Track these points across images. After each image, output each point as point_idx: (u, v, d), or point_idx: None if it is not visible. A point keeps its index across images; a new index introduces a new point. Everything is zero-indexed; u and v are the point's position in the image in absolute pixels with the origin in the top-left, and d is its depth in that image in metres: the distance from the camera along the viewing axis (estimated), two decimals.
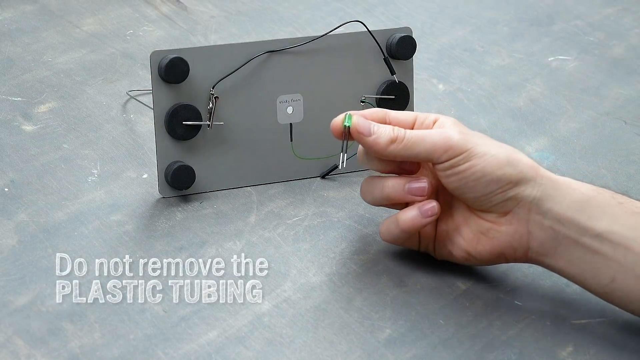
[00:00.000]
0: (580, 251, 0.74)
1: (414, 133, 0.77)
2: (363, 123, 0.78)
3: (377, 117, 0.81)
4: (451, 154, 0.76)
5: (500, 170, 0.75)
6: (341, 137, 0.79)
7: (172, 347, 0.73)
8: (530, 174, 0.76)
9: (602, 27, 1.28)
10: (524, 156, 0.77)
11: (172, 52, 0.87)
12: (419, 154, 0.77)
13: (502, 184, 0.75)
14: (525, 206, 0.75)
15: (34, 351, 0.72)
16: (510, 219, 0.76)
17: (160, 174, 0.90)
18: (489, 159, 0.75)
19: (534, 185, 0.75)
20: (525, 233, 0.76)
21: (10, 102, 1.05)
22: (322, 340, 0.74)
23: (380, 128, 0.78)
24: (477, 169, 0.75)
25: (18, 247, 0.83)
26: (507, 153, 0.76)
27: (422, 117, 0.81)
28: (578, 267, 0.74)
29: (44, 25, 1.22)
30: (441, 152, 0.76)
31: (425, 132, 0.77)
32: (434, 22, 1.28)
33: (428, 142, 0.77)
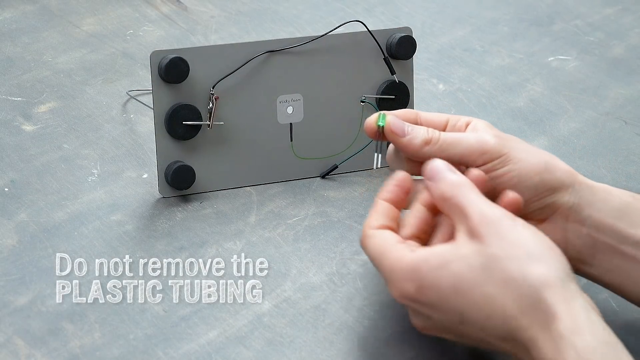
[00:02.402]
0: (619, 259, 0.72)
1: (449, 135, 0.75)
2: (397, 123, 0.76)
3: (409, 117, 0.78)
4: (487, 158, 0.73)
5: (538, 176, 0.73)
6: (375, 137, 0.77)
7: (172, 347, 0.73)
8: (568, 180, 0.73)
9: (602, 27, 1.28)
10: (561, 162, 0.74)
11: (172, 52, 0.87)
12: (453, 157, 0.74)
13: (539, 190, 0.73)
14: (562, 213, 0.73)
15: (34, 351, 0.72)
16: (546, 226, 0.74)
17: (160, 174, 0.90)
18: (526, 165, 0.73)
19: (572, 191, 0.73)
20: (563, 240, 0.73)
21: (10, 102, 1.05)
22: (322, 340, 0.74)
23: (414, 129, 0.75)
24: (513, 174, 0.73)
25: (18, 247, 0.83)
26: (544, 159, 0.73)
27: (454, 119, 0.78)
28: (617, 275, 0.72)
29: (44, 25, 1.22)
30: (477, 155, 0.73)
31: (460, 134, 0.75)
32: (434, 22, 1.28)
33: (464, 144, 0.74)
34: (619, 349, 0.63)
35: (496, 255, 0.65)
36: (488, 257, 0.66)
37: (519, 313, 0.64)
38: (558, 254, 0.66)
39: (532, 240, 0.66)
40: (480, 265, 0.65)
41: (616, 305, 0.78)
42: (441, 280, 0.66)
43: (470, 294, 0.65)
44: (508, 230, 0.66)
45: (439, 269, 0.66)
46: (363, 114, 0.94)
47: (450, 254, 0.67)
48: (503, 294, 0.65)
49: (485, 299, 0.65)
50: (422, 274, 0.67)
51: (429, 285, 0.67)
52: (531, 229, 0.67)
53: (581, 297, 0.65)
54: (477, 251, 0.66)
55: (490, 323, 0.65)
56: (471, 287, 0.65)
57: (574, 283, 0.65)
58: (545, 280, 0.64)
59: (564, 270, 0.66)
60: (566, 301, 0.64)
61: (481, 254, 0.66)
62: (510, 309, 0.64)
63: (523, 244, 0.66)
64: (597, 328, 0.63)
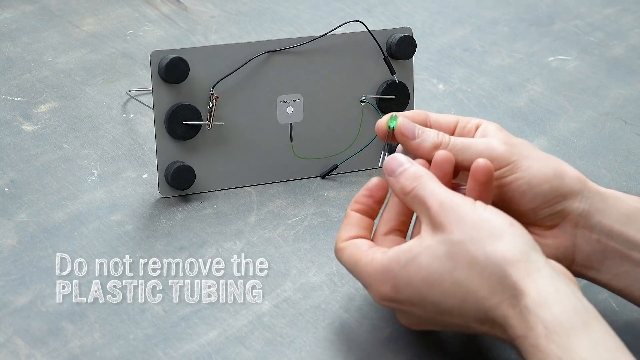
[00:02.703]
0: (628, 265, 0.72)
1: (459, 140, 0.74)
2: (408, 125, 0.75)
3: (419, 119, 0.78)
4: (495, 165, 0.73)
5: (547, 184, 0.72)
6: (385, 138, 0.76)
7: (172, 347, 0.73)
8: (578, 187, 0.73)
9: (602, 27, 1.28)
10: (570, 168, 0.74)
11: (172, 52, 0.87)
12: (462, 162, 0.74)
13: (548, 198, 0.73)
14: (572, 220, 0.73)
15: (34, 351, 0.72)
16: (556, 232, 0.74)
17: (160, 174, 0.90)
18: (535, 172, 0.73)
19: (582, 198, 0.73)
20: (571, 246, 0.73)
21: (10, 102, 1.05)
22: (322, 340, 0.74)
23: (425, 132, 0.75)
24: (522, 182, 0.73)
25: (18, 247, 0.83)
26: (553, 166, 0.73)
27: (464, 121, 0.78)
28: (625, 281, 0.72)
29: (44, 25, 1.22)
30: None
31: (470, 140, 0.75)
32: (434, 22, 1.28)
33: (473, 150, 0.73)
34: (589, 313, 0.63)
35: (458, 240, 0.66)
36: (451, 244, 0.67)
37: (489, 293, 0.65)
38: (519, 228, 0.67)
39: (492, 220, 0.67)
40: (445, 254, 0.67)
41: (616, 305, 0.78)
42: (413, 276, 0.67)
43: (441, 283, 0.66)
44: (467, 214, 0.67)
45: (408, 264, 0.67)
46: (363, 114, 0.94)
47: (417, 248, 0.68)
48: (471, 277, 0.66)
49: (455, 286, 0.66)
50: (395, 273, 0.68)
51: (403, 282, 0.68)
52: (490, 209, 0.68)
53: (546, 267, 0.65)
54: (441, 240, 0.67)
55: (465, 308, 0.66)
56: (441, 277, 0.66)
57: (538, 254, 0.66)
58: (509, 257, 0.65)
59: (526, 244, 0.66)
60: (530, 274, 0.64)
61: (444, 242, 0.67)
62: (480, 291, 0.65)
63: (483, 225, 0.67)
64: (564, 297, 0.64)
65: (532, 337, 0.62)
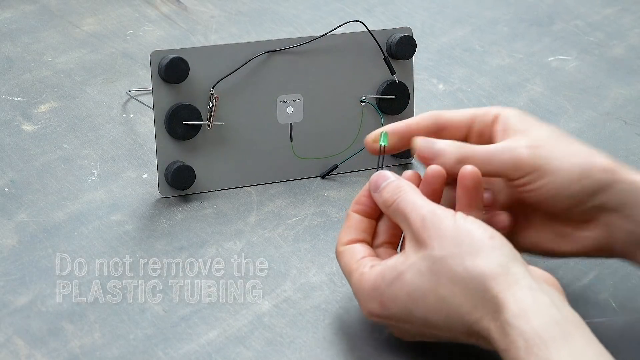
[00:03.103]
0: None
1: (481, 152, 0.73)
2: (426, 149, 0.74)
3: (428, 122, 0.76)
4: (521, 173, 0.72)
5: (576, 184, 0.71)
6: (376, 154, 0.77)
7: (172, 347, 0.73)
8: (607, 180, 0.71)
9: (602, 27, 1.28)
10: (599, 157, 0.72)
11: (172, 52, 0.87)
12: (487, 173, 0.73)
13: (579, 197, 0.72)
14: (605, 212, 0.72)
15: (34, 351, 0.72)
16: (591, 226, 0.73)
17: (160, 174, 0.90)
18: (563, 175, 0.71)
19: (613, 191, 0.72)
20: (608, 237, 0.73)
21: (10, 102, 1.05)
22: (322, 340, 0.74)
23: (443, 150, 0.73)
24: (550, 187, 0.72)
25: (18, 247, 0.83)
26: (581, 162, 0.72)
27: (480, 114, 0.76)
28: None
29: (44, 25, 1.22)
30: (511, 171, 0.72)
31: (492, 150, 0.73)
32: (434, 22, 1.28)
33: (496, 162, 0.72)
34: (570, 323, 0.63)
35: (440, 256, 0.67)
36: (433, 260, 0.67)
37: (471, 307, 0.65)
38: (498, 240, 0.67)
39: (471, 234, 0.67)
40: (428, 270, 0.67)
41: (616, 305, 0.78)
42: (398, 293, 0.68)
43: (425, 299, 0.67)
44: (447, 228, 0.68)
45: (394, 282, 0.68)
46: (363, 114, 0.94)
47: (401, 265, 0.68)
48: (453, 292, 0.66)
49: (440, 301, 0.67)
50: (381, 291, 0.69)
51: (389, 300, 0.69)
52: (471, 221, 0.68)
53: (525, 278, 0.65)
54: (423, 257, 0.68)
55: (451, 322, 0.67)
56: (425, 293, 0.67)
57: (518, 265, 0.66)
58: (487, 271, 0.65)
59: (505, 256, 0.66)
60: (510, 287, 0.64)
61: (426, 259, 0.67)
62: (463, 306, 0.66)
63: (463, 240, 0.67)
64: (543, 308, 0.63)
65: (513, 351, 0.63)
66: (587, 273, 0.82)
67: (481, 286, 0.65)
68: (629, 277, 0.81)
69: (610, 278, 0.81)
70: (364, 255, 0.72)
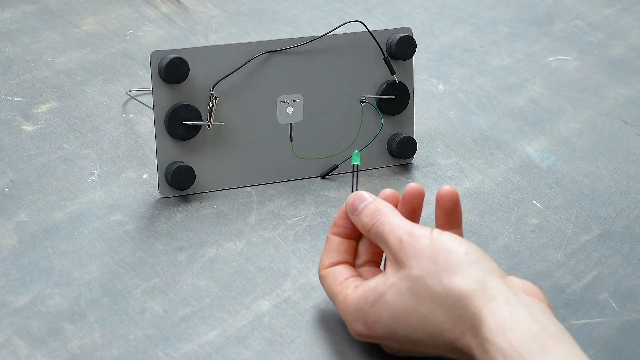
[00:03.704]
0: None
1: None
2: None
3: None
4: None
5: None
6: None
7: (172, 347, 0.73)
8: None
9: (602, 27, 1.28)
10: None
11: (172, 52, 0.87)
12: None
13: None
14: None
15: (34, 351, 0.72)
16: None
17: (160, 174, 0.90)
18: None
19: None
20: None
21: (10, 102, 1.05)
22: (322, 340, 0.74)
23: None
24: None
25: (18, 247, 0.83)
26: None
27: None
28: None
29: (44, 25, 1.22)
30: None
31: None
32: (434, 22, 1.28)
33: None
34: (549, 334, 0.63)
35: (418, 275, 0.68)
36: (412, 280, 0.68)
37: (452, 325, 0.66)
38: (474, 255, 0.68)
39: (448, 251, 0.68)
40: (407, 290, 0.68)
41: (616, 305, 0.78)
42: (382, 314, 0.69)
43: (408, 319, 0.68)
44: (423, 248, 0.68)
45: (376, 303, 0.69)
46: (363, 114, 0.94)
47: (382, 286, 0.69)
48: (434, 311, 0.67)
49: (421, 320, 0.67)
50: (365, 312, 0.70)
51: (373, 320, 0.70)
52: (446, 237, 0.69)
53: (503, 292, 0.65)
54: (402, 277, 0.68)
55: (434, 340, 0.67)
56: (407, 313, 0.68)
57: (495, 278, 0.66)
58: (464, 289, 0.66)
59: (481, 271, 0.67)
60: (487, 303, 0.65)
61: (406, 279, 0.68)
62: (444, 323, 0.66)
63: (439, 258, 0.68)
64: (521, 321, 0.64)
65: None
66: (587, 273, 0.82)
67: (459, 303, 0.66)
68: (629, 277, 0.81)
69: (610, 278, 0.81)
70: (347, 277, 0.73)
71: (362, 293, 0.70)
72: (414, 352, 0.70)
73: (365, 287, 0.70)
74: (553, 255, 0.84)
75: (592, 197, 0.92)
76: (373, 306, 0.69)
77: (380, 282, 0.70)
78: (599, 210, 0.91)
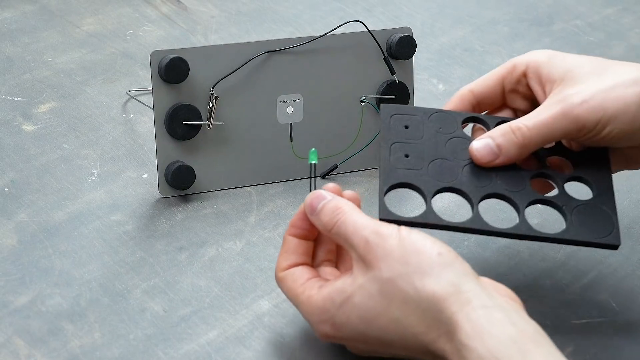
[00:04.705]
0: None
1: (538, 127, 0.71)
2: (486, 150, 0.73)
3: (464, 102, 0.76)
4: (585, 131, 0.71)
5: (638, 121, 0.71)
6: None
7: (172, 347, 0.73)
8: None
9: (602, 27, 1.28)
10: None
11: (172, 52, 0.87)
12: (551, 141, 0.72)
13: None
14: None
15: (34, 351, 0.72)
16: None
17: (160, 174, 0.90)
18: (623, 119, 0.70)
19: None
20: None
21: (10, 102, 1.05)
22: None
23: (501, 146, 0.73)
24: (615, 132, 0.71)
25: (18, 247, 0.83)
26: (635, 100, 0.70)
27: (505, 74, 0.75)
28: None
29: (44, 25, 1.22)
30: (574, 133, 0.71)
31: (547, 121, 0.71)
32: (434, 22, 1.28)
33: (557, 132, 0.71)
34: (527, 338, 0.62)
35: (389, 278, 0.66)
36: (382, 282, 0.66)
37: (426, 328, 0.65)
38: (447, 257, 0.66)
39: (418, 252, 0.66)
40: (377, 292, 0.66)
41: (616, 305, 0.78)
42: (349, 316, 0.67)
43: (378, 320, 0.66)
44: (392, 248, 0.66)
45: (343, 305, 0.67)
46: (363, 114, 0.94)
47: (350, 287, 0.67)
48: (406, 313, 0.65)
49: (393, 323, 0.66)
50: (332, 314, 0.68)
51: (341, 322, 0.68)
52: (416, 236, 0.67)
53: (478, 296, 0.64)
54: (372, 278, 0.66)
55: (406, 342, 0.66)
56: (377, 315, 0.66)
57: (470, 281, 0.65)
58: (439, 292, 0.64)
59: (455, 274, 0.65)
60: (462, 307, 0.63)
61: (375, 281, 0.66)
62: (417, 326, 0.65)
63: (409, 260, 0.66)
64: (498, 326, 0.62)
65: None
66: (587, 273, 0.82)
67: (434, 307, 0.64)
68: (629, 277, 0.81)
69: (610, 278, 0.81)
70: (309, 277, 0.71)
71: (327, 294, 0.68)
72: (382, 354, 0.69)
73: (331, 287, 0.68)
74: (553, 255, 0.84)
75: None
76: (340, 308, 0.67)
77: (347, 283, 0.68)
78: None
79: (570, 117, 0.71)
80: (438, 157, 0.74)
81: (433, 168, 0.73)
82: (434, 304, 0.64)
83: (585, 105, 0.71)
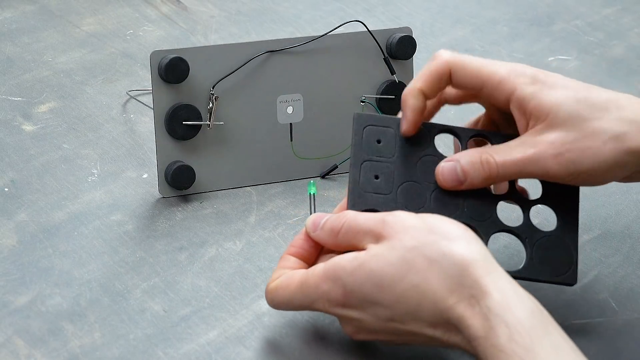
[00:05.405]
0: None
1: (508, 166, 0.72)
2: (450, 174, 0.73)
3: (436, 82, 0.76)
4: (556, 179, 0.72)
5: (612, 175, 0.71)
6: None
7: (172, 347, 0.73)
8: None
9: (602, 27, 1.28)
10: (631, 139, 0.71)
11: (172, 52, 0.87)
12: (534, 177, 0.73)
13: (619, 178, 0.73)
14: None
15: (34, 351, 0.72)
16: None
17: (160, 174, 0.90)
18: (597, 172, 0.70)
19: None
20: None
21: (10, 102, 1.05)
22: (322, 340, 0.74)
23: (467, 172, 0.73)
24: (589, 180, 0.72)
25: (18, 247, 0.83)
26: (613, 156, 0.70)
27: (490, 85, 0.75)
28: None
29: (44, 25, 1.22)
30: (544, 177, 0.72)
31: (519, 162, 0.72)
32: (434, 22, 1.28)
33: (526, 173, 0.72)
34: (546, 317, 0.64)
35: (413, 245, 0.66)
36: (405, 249, 0.66)
37: (447, 291, 0.64)
38: (472, 233, 0.67)
39: (444, 225, 0.67)
40: (398, 259, 0.66)
41: (616, 305, 0.78)
42: (363, 281, 0.67)
43: (394, 287, 0.66)
44: (415, 223, 0.67)
45: (356, 271, 0.67)
46: None
47: (364, 255, 0.67)
48: (428, 278, 0.65)
49: (411, 289, 0.65)
50: (344, 280, 0.67)
51: (353, 288, 0.67)
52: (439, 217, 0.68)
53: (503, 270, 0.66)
54: (390, 247, 0.66)
55: (420, 311, 0.65)
56: (393, 281, 0.66)
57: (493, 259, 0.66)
58: (469, 256, 0.65)
59: (482, 246, 0.67)
60: (491, 274, 0.64)
61: (397, 248, 0.66)
62: (438, 291, 0.65)
63: (434, 230, 0.67)
64: (525, 299, 0.64)
65: (492, 338, 0.62)
66: (587, 273, 0.82)
67: (460, 270, 0.65)
68: (629, 277, 0.81)
69: (610, 278, 0.81)
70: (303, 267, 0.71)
71: (336, 263, 0.68)
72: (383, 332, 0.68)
73: (339, 258, 0.68)
74: None
75: (592, 197, 0.92)
76: (352, 274, 0.67)
77: (358, 253, 0.67)
78: (599, 210, 0.90)
79: (540, 166, 0.71)
80: (407, 179, 0.74)
81: (402, 193, 0.73)
82: (460, 266, 0.65)
83: (559, 159, 0.71)
